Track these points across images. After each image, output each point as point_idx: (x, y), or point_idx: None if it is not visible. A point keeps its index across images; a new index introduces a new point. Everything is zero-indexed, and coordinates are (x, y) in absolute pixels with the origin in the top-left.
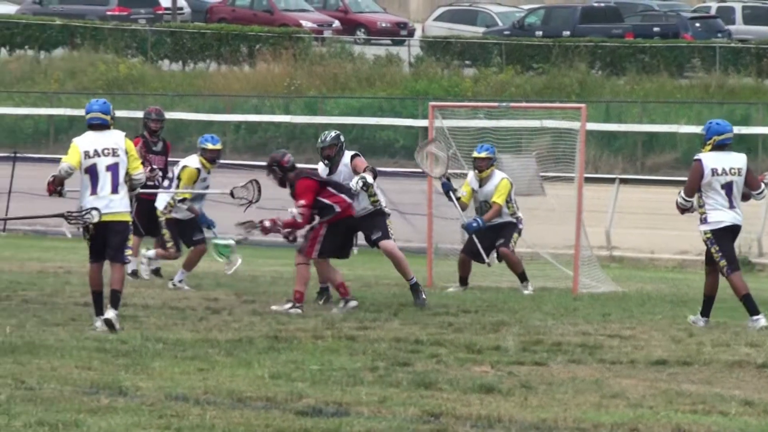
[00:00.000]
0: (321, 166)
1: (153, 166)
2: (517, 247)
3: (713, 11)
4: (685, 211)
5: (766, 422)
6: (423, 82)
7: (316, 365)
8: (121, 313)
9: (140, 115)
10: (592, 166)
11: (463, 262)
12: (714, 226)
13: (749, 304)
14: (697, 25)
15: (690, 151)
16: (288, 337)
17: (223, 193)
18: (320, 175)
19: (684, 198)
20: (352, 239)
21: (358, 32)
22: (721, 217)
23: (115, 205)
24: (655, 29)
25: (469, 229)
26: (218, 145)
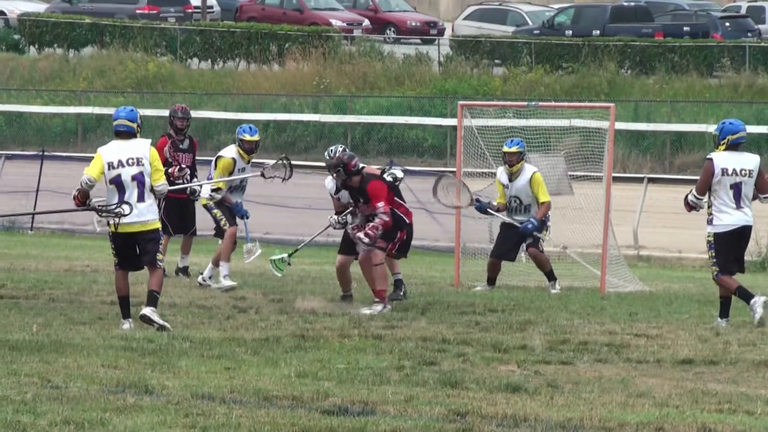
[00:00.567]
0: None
1: (182, 165)
2: (546, 246)
3: (743, 10)
4: (693, 209)
5: None
6: (452, 82)
7: (343, 364)
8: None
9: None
10: (621, 165)
11: (492, 264)
12: (718, 230)
13: (744, 294)
14: (727, 24)
15: None
16: (315, 336)
17: (254, 175)
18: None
19: (695, 196)
20: None
21: (388, 31)
22: (726, 219)
23: (143, 214)
24: (685, 29)
25: (526, 232)
26: (256, 136)
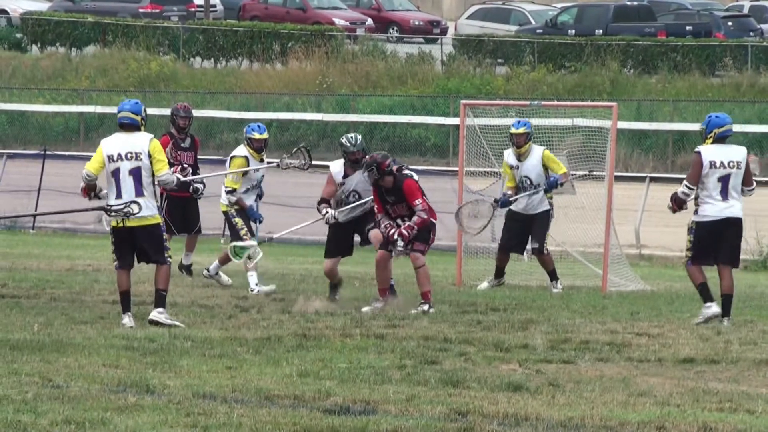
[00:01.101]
0: (336, 167)
1: (183, 164)
2: (548, 245)
3: (746, 10)
4: (680, 207)
5: None
6: (455, 81)
7: (344, 363)
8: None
9: None
10: (623, 164)
11: (501, 257)
12: (700, 219)
13: (705, 293)
14: (730, 23)
15: None
16: (316, 335)
17: (270, 165)
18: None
19: (687, 186)
20: None
21: (391, 30)
22: (709, 210)
23: (140, 210)
24: (688, 28)
25: (552, 184)
26: (264, 134)
